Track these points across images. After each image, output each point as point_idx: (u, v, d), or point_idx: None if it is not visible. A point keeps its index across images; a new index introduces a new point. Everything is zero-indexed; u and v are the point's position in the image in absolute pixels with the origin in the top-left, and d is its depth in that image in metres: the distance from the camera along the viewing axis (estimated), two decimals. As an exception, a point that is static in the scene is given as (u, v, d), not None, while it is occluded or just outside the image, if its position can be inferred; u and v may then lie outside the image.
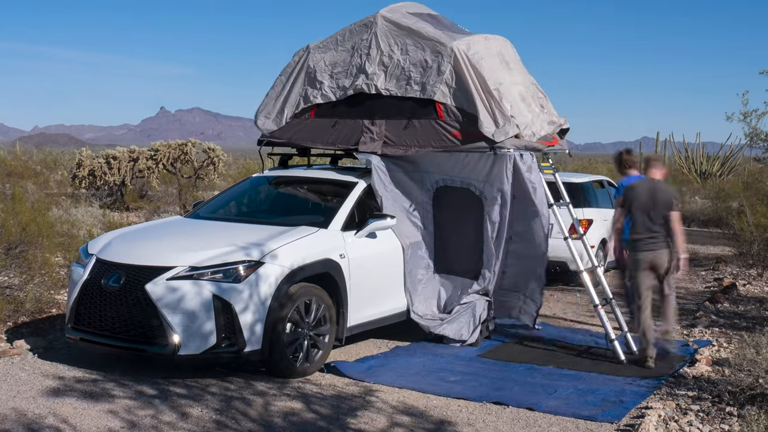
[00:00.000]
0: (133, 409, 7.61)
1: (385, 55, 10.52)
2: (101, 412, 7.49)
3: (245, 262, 8.55)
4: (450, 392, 8.44)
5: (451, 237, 10.55)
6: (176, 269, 8.45)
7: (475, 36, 10.62)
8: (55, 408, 7.55)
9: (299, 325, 8.84)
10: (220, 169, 28.51)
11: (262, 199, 11.39)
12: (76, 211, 20.93)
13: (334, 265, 9.32)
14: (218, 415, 7.55)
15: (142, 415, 7.46)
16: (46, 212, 14.76)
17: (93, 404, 7.69)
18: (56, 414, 7.40)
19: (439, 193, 10.56)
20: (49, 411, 7.46)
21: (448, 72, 10.12)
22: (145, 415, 7.45)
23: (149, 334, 8.42)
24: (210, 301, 8.32)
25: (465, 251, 10.48)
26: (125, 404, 7.72)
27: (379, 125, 10.50)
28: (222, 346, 8.39)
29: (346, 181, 10.52)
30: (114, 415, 7.42)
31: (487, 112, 9.94)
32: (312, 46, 11.08)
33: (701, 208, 29.84)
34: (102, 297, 8.66)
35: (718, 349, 10.28)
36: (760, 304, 13.37)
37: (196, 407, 7.72)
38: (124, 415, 7.44)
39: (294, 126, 11.13)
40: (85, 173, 26.41)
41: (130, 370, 8.75)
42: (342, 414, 7.70)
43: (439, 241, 10.63)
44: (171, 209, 23.70)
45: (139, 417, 7.40)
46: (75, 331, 8.88)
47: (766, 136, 18.54)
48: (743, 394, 7.93)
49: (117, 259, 8.82)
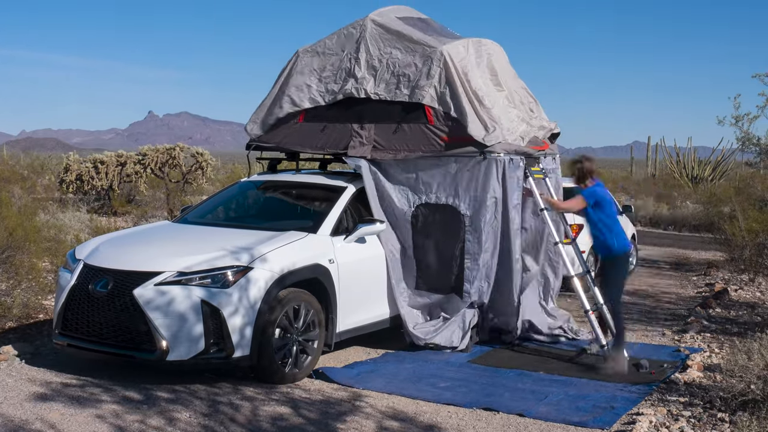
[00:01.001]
0: (120, 414, 7.57)
1: (375, 59, 10.48)
2: (89, 417, 7.47)
3: (234, 267, 8.50)
4: (440, 398, 8.39)
5: (432, 253, 10.41)
6: (164, 274, 8.40)
7: (465, 40, 10.59)
8: (43, 414, 7.50)
9: (288, 330, 8.79)
10: (209, 174, 28.44)
11: (250, 204, 11.32)
12: (63, 215, 20.85)
13: (323, 270, 9.27)
14: (206, 419, 7.52)
15: (130, 420, 7.42)
16: (33, 217, 14.70)
17: (80, 409, 7.64)
18: (43, 419, 7.36)
19: (419, 210, 10.40)
20: (36, 417, 7.42)
21: (438, 76, 10.09)
22: (133, 420, 7.41)
23: (137, 340, 8.37)
24: (198, 307, 8.27)
25: (447, 267, 10.34)
26: (113, 409, 7.69)
27: (368, 129, 10.45)
28: (210, 351, 8.34)
29: (335, 186, 10.47)
30: (101, 420, 7.39)
31: (476, 117, 9.91)
32: (301, 51, 11.05)
33: (693, 213, 29.96)
34: (89, 302, 8.61)
35: (709, 355, 10.25)
36: (752, 309, 13.40)
37: (184, 412, 7.69)
38: (112, 420, 7.41)
39: (283, 130, 11.09)
40: (72, 178, 26.34)
41: (118, 376, 8.69)
42: (330, 419, 7.67)
43: (422, 257, 10.46)
44: (159, 214, 23.61)
45: (127, 422, 7.36)
46: (62, 337, 8.83)
47: (758, 141, 18.52)
48: (735, 400, 7.89)
49: (105, 265, 8.76)
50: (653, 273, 18.27)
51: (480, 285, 10.11)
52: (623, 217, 17.50)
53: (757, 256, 16.30)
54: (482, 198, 9.94)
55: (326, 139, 10.77)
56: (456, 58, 10.11)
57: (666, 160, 44.41)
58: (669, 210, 31.61)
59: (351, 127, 10.57)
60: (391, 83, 10.34)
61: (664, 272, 18.53)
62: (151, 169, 26.91)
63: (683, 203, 32.44)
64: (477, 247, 10.01)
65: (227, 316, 8.29)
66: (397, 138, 10.27)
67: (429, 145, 10.11)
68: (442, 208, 10.20)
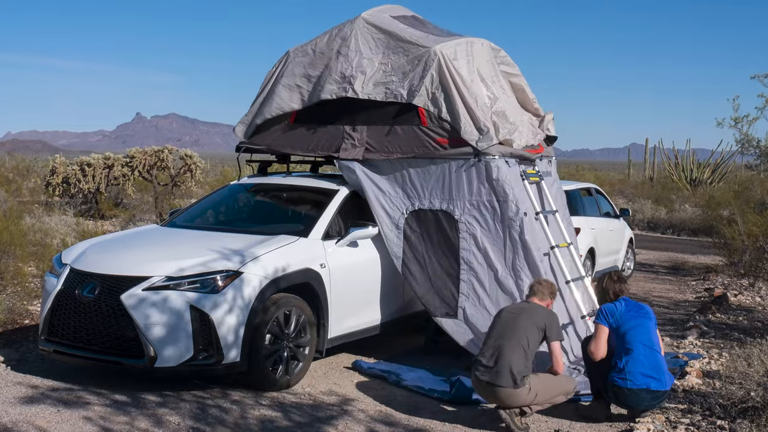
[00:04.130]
0: (108, 416, 7.60)
1: (367, 59, 10.32)
2: (77, 419, 7.49)
3: (223, 272, 8.38)
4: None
5: (425, 270, 9.98)
6: (152, 279, 8.29)
7: (459, 39, 10.42)
8: (30, 417, 7.52)
9: (279, 336, 8.67)
10: (198, 177, 28.26)
11: (240, 207, 11.20)
12: (49, 219, 20.70)
13: (315, 275, 9.13)
14: (194, 422, 7.55)
15: (117, 422, 7.45)
16: (18, 221, 14.64)
17: (68, 412, 7.67)
18: (31, 422, 7.37)
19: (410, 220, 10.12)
20: (24, 419, 7.43)
21: (431, 76, 9.91)
22: (121, 423, 7.44)
23: (124, 346, 8.27)
24: (187, 312, 8.16)
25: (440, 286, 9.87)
26: (101, 412, 7.71)
27: (360, 131, 10.28)
28: (199, 358, 8.22)
29: (327, 189, 10.32)
30: (89, 422, 7.41)
31: (470, 118, 9.74)
32: (292, 51, 10.89)
33: (691, 216, 29.89)
34: (76, 308, 8.51)
35: (708, 361, 10.16)
36: (752, 314, 13.26)
37: (172, 415, 7.70)
38: (100, 422, 7.42)
39: (273, 132, 10.92)
40: (58, 180, 26.16)
41: (105, 382, 8.61)
42: (319, 422, 7.68)
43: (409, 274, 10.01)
44: (147, 217, 23.52)
45: (115, 424, 7.40)
46: (48, 343, 8.72)
47: (757, 143, 18.45)
48: (735, 407, 7.80)
49: (91, 269, 8.64)
50: (651, 278, 18.20)
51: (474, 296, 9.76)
52: (620, 220, 17.41)
53: (756, 261, 16.17)
54: (478, 201, 9.72)
55: (317, 141, 10.60)
56: (450, 58, 9.95)
57: (664, 162, 44.25)
58: (667, 213, 31.48)
59: (343, 129, 10.40)
60: (384, 84, 10.17)
61: (662, 277, 18.46)
62: (139, 172, 26.72)
63: (682, 206, 32.35)
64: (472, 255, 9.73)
65: (216, 322, 8.17)
66: (390, 140, 10.09)
67: (423, 147, 9.92)
68: (437, 220, 9.93)
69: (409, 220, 9.97)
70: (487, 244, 9.66)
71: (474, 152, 9.70)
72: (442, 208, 9.84)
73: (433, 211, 9.91)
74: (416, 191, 9.97)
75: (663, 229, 29.96)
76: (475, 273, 9.67)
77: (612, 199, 24.88)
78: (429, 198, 9.91)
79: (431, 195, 9.90)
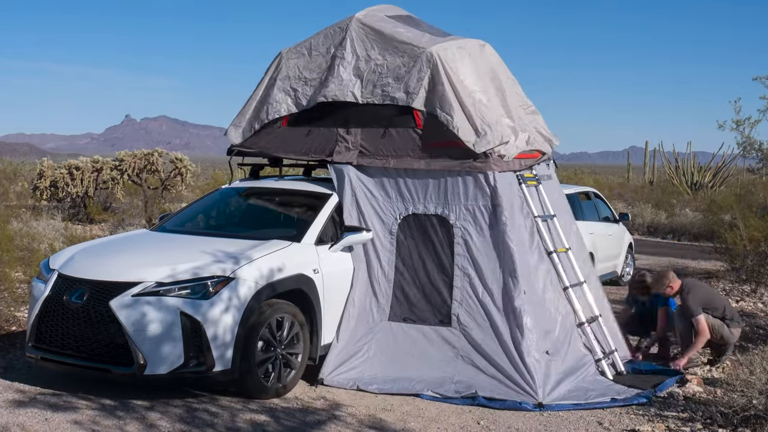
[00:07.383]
0: (98, 420, 7.63)
1: (361, 60, 10.17)
2: (66, 423, 7.53)
3: (214, 277, 8.26)
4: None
5: (418, 277, 9.68)
6: (142, 285, 8.18)
7: (456, 40, 10.29)
8: (20, 420, 7.56)
9: (271, 343, 8.56)
10: (188, 180, 28.17)
11: (232, 212, 11.08)
12: (37, 224, 20.54)
13: (308, 280, 9.00)
14: (184, 425, 7.58)
15: (106, 425, 7.49)
16: (5, 225, 14.51)
17: (57, 416, 7.69)
18: (21, 425, 7.41)
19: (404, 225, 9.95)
20: (14, 422, 7.47)
21: (426, 78, 9.77)
22: (111, 426, 7.46)
23: (114, 353, 8.17)
24: (177, 318, 8.05)
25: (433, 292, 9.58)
26: (90, 416, 7.73)
27: (354, 134, 10.11)
28: (190, 365, 8.11)
29: (320, 193, 10.14)
30: (79, 426, 7.44)
31: (466, 121, 9.59)
32: (284, 52, 10.74)
33: (692, 221, 29.67)
34: (64, 314, 8.40)
35: (709, 369, 10.07)
36: (754, 321, 13.13)
37: (162, 419, 7.72)
38: (90, 425, 7.45)
39: (265, 135, 10.74)
40: (46, 184, 26.07)
41: (93, 389, 8.53)
42: (309, 427, 7.70)
43: (402, 281, 9.69)
44: (136, 222, 23.45)
45: (104, 428, 7.44)
46: (36, 350, 8.62)
47: (759, 146, 18.34)
48: (736, 415, 7.72)
49: (80, 275, 8.54)
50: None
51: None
52: (619, 225, 17.30)
53: (759, 266, 16.02)
54: (474, 206, 9.53)
55: (311, 144, 10.43)
56: (446, 59, 9.81)
57: (664, 165, 44.06)
58: (667, 218, 31.31)
59: (336, 132, 10.22)
60: (378, 86, 10.02)
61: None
62: (129, 176, 26.61)
63: (682, 211, 32.21)
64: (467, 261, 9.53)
65: (207, 328, 8.06)
66: (385, 143, 9.92)
67: (418, 150, 9.77)
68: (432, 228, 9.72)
69: (403, 225, 9.79)
70: (483, 249, 9.48)
71: (472, 157, 9.51)
72: (437, 213, 9.68)
73: (427, 215, 9.74)
74: (411, 195, 9.80)
75: (663, 233, 29.49)
76: (470, 279, 9.47)
77: (611, 203, 24.74)
78: (424, 202, 9.73)
79: (426, 199, 9.73)
